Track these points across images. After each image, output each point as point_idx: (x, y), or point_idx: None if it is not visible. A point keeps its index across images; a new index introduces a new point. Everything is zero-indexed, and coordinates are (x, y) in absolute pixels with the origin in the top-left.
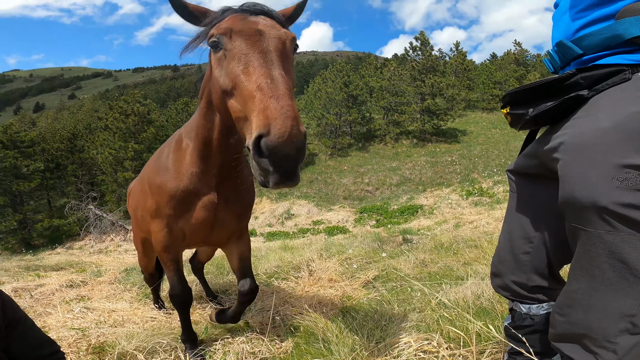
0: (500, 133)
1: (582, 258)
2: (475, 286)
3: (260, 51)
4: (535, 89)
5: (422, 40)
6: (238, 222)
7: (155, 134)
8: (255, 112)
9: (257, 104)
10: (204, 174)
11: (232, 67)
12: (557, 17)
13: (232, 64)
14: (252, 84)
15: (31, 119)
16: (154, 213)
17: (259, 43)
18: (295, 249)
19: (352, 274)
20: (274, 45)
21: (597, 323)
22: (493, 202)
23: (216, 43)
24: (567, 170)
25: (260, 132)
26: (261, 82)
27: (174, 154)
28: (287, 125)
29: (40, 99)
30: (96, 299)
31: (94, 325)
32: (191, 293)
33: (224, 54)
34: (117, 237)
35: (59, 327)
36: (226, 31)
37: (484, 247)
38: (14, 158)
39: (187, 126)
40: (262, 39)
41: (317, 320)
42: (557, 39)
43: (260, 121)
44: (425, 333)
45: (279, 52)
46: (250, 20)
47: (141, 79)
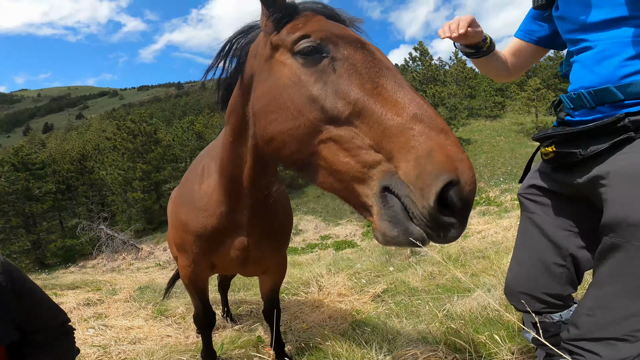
0: (504, 140)
1: (622, 266)
2: (481, 297)
3: (387, 67)
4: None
5: (422, 50)
6: (275, 254)
7: (163, 154)
8: (420, 151)
9: (423, 139)
10: (234, 213)
11: (351, 85)
12: (592, 62)
13: (351, 80)
14: (400, 110)
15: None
16: (179, 247)
17: (376, 56)
18: (304, 264)
19: (360, 288)
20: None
21: (630, 323)
22: (501, 211)
23: (314, 49)
24: (618, 194)
25: (450, 179)
26: (416, 109)
27: (198, 186)
28: (472, 169)
29: (49, 119)
30: (113, 317)
31: (114, 342)
32: (214, 317)
33: (332, 65)
34: (128, 255)
35: (81, 344)
36: (328, 35)
37: (492, 258)
38: (25, 180)
39: (210, 152)
40: (375, 51)
41: (326, 336)
42: (593, 82)
43: (442, 164)
44: (431, 345)
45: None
46: (339, 25)
47: (146, 97)
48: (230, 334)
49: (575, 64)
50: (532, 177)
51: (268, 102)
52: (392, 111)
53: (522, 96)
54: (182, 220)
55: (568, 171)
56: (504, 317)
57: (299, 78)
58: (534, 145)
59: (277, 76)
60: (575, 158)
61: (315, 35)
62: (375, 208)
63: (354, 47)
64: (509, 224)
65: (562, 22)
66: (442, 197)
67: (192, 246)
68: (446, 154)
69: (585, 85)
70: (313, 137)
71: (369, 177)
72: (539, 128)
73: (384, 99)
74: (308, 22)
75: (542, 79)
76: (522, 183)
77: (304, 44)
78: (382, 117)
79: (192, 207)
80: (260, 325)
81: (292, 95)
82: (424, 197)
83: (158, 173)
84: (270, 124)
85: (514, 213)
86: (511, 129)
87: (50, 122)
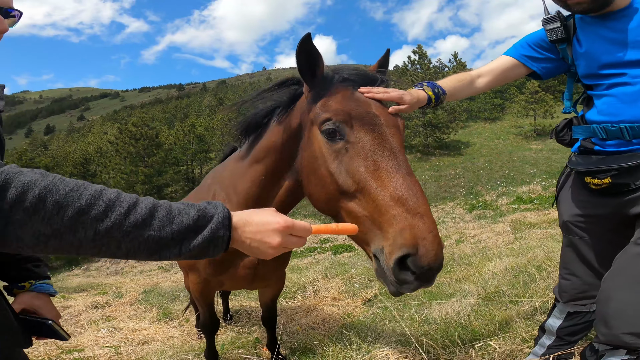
0: (503, 144)
1: None
2: (457, 304)
3: (390, 149)
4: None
5: (420, 53)
6: (278, 270)
7: (164, 158)
8: (396, 228)
9: (399, 219)
10: None
11: (358, 167)
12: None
13: (358, 162)
14: (389, 193)
15: (42, 142)
16: (190, 267)
17: (384, 137)
18: (302, 268)
19: (354, 292)
20: (398, 140)
21: None
22: (496, 215)
23: (334, 132)
24: None
25: (408, 252)
26: (401, 193)
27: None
28: (436, 247)
29: (51, 120)
30: (120, 319)
31: (123, 343)
32: (219, 322)
33: (345, 147)
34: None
35: (93, 346)
36: (346, 118)
37: (475, 265)
38: None
39: (222, 181)
40: (384, 132)
41: (317, 337)
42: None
43: (406, 240)
44: (404, 346)
45: (403, 146)
46: (361, 99)
47: (147, 98)
48: (231, 335)
49: (607, 97)
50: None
51: (307, 165)
52: (384, 192)
53: (520, 99)
54: None
55: (614, 196)
56: (473, 323)
57: (323, 153)
58: (532, 148)
59: (313, 147)
60: (628, 187)
61: (335, 117)
62: (374, 264)
63: (366, 130)
64: (502, 229)
65: (586, 58)
66: (403, 263)
67: (205, 268)
68: (413, 234)
69: (627, 119)
70: (335, 202)
71: (370, 240)
72: (537, 131)
73: (381, 180)
74: (335, 100)
75: (541, 81)
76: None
77: (327, 126)
78: (377, 197)
79: None
80: (258, 328)
81: (320, 166)
82: (390, 260)
83: (160, 177)
84: (309, 183)
85: (508, 217)
86: (510, 131)
87: (52, 123)
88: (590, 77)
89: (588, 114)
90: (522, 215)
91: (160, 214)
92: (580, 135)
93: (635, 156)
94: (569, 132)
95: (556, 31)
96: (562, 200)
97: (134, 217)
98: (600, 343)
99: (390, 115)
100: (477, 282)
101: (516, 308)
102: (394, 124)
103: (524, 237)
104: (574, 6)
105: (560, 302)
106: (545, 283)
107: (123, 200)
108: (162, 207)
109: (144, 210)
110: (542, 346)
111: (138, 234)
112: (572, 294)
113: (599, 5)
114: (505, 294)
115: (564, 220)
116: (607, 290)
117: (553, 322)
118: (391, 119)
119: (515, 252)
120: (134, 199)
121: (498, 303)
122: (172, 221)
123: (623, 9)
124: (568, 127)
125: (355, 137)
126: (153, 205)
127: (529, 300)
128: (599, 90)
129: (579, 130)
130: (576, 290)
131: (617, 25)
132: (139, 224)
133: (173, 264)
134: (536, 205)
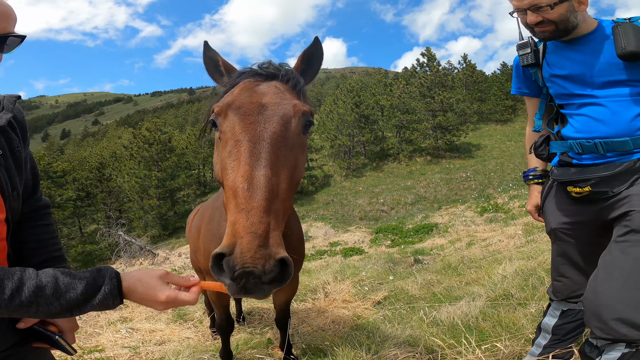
0: (515, 146)
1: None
2: (466, 306)
3: (251, 139)
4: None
5: (429, 56)
6: (294, 274)
7: (177, 162)
8: (228, 218)
9: (229, 212)
10: None
11: (220, 156)
12: (605, 117)
13: (222, 151)
14: (229, 184)
15: (59, 147)
16: (208, 272)
17: (253, 126)
18: (313, 271)
19: (364, 295)
20: (271, 129)
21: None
22: (508, 218)
23: (213, 122)
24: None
25: (222, 251)
26: (237, 185)
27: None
28: (252, 250)
29: (66, 125)
30: (137, 320)
31: (141, 344)
32: (234, 324)
33: (219, 136)
34: (145, 260)
35: (112, 346)
36: (222, 110)
37: (485, 268)
38: (47, 188)
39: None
40: (259, 120)
41: (328, 339)
42: (608, 133)
43: (226, 236)
44: (412, 347)
45: (276, 137)
46: (258, 90)
47: (159, 102)
48: (244, 336)
49: (580, 117)
50: (557, 215)
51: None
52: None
53: None
54: (211, 252)
55: (594, 203)
56: (480, 325)
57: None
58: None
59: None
60: (606, 195)
61: (217, 108)
62: None
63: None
64: (514, 232)
65: (557, 80)
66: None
67: None
68: (233, 231)
69: (601, 136)
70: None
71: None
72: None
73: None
74: (231, 92)
75: None
76: (553, 220)
77: (210, 118)
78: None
79: (220, 241)
80: (270, 329)
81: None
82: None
83: (172, 181)
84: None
85: (520, 220)
86: (522, 133)
87: (67, 128)
88: (563, 97)
89: (564, 131)
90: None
91: (45, 293)
92: (557, 150)
93: (611, 167)
94: (546, 147)
95: (527, 56)
96: (548, 210)
97: (18, 301)
98: (597, 338)
99: (279, 104)
100: (487, 284)
101: (524, 310)
102: (281, 113)
103: (536, 241)
104: (539, 34)
105: (555, 300)
106: None
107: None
108: (47, 287)
109: (27, 294)
110: (538, 346)
111: (25, 311)
112: (566, 294)
113: (561, 34)
114: (514, 296)
115: (551, 228)
116: (594, 287)
117: (549, 321)
118: (281, 108)
119: (526, 255)
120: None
121: (506, 305)
122: (59, 298)
123: (589, 34)
124: (546, 143)
125: (225, 126)
126: (36, 287)
127: (537, 302)
128: (571, 109)
129: (556, 145)
130: (569, 290)
131: (585, 48)
132: (24, 305)
133: (185, 267)
134: None
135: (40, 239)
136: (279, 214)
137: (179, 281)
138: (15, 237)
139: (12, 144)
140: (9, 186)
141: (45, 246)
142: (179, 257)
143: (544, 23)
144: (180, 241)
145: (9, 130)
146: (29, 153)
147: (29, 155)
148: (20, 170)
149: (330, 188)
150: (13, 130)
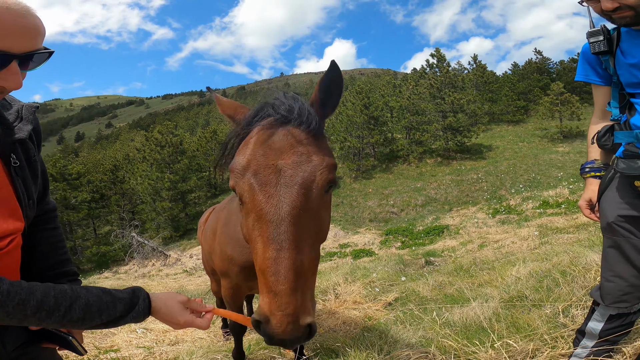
0: (527, 147)
1: None
2: (478, 307)
3: (271, 219)
4: None
5: (439, 57)
6: None
7: (188, 164)
8: (261, 292)
9: (261, 287)
10: None
11: (246, 225)
12: None
13: (247, 220)
14: (257, 262)
15: (73, 149)
16: (223, 273)
17: (272, 201)
18: (323, 273)
19: (374, 296)
20: (291, 203)
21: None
22: (520, 219)
23: (233, 188)
24: None
25: (260, 319)
26: (263, 268)
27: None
28: (285, 324)
29: (80, 128)
30: (151, 321)
31: (155, 344)
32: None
33: (240, 205)
34: (157, 262)
35: (128, 346)
36: (242, 173)
37: (498, 269)
38: (63, 190)
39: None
40: (279, 193)
41: (339, 339)
42: None
43: (261, 309)
44: (424, 348)
45: (297, 212)
46: (273, 145)
47: (170, 105)
48: (256, 336)
49: None
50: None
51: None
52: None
53: (545, 100)
54: (228, 254)
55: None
56: (494, 325)
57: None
58: (558, 151)
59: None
60: None
61: (234, 172)
62: None
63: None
64: (528, 234)
65: (630, 68)
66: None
67: (237, 275)
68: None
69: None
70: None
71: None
72: (564, 133)
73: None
74: (245, 146)
75: (566, 82)
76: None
77: (230, 182)
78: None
79: (237, 244)
80: None
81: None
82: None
83: (184, 183)
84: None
85: (534, 222)
86: (535, 134)
87: (81, 131)
88: (633, 86)
89: (632, 119)
90: (549, 220)
91: (92, 311)
92: (622, 140)
93: None
94: (610, 137)
95: (599, 44)
96: (606, 202)
97: (69, 317)
98: None
99: (297, 166)
100: (500, 286)
101: (538, 311)
102: (294, 181)
103: (550, 242)
104: (619, 20)
105: (601, 304)
106: (569, 287)
107: (60, 304)
108: (94, 305)
109: (78, 312)
110: (584, 348)
111: (74, 325)
112: (616, 296)
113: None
114: (528, 298)
115: (608, 222)
116: None
117: (594, 326)
118: (297, 172)
119: (540, 257)
120: (68, 304)
121: (520, 307)
122: (101, 314)
123: None
124: (610, 133)
125: (245, 196)
126: (85, 305)
127: (552, 304)
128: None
129: (622, 135)
130: (621, 292)
131: None
132: (75, 320)
133: (198, 268)
134: (563, 209)
135: (50, 242)
136: (307, 281)
137: (197, 308)
138: (26, 242)
139: (28, 154)
140: (26, 196)
141: (55, 249)
142: (190, 258)
143: (621, 9)
144: (191, 242)
145: (28, 141)
146: (39, 157)
147: (40, 159)
148: (36, 179)
149: (339, 190)
150: (31, 141)
